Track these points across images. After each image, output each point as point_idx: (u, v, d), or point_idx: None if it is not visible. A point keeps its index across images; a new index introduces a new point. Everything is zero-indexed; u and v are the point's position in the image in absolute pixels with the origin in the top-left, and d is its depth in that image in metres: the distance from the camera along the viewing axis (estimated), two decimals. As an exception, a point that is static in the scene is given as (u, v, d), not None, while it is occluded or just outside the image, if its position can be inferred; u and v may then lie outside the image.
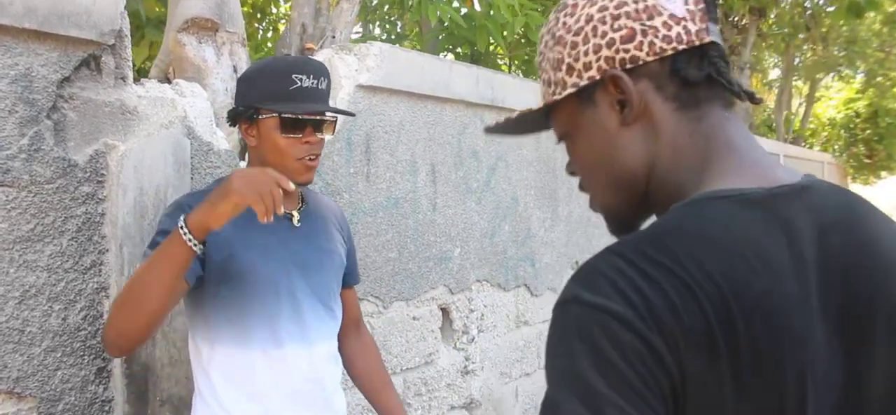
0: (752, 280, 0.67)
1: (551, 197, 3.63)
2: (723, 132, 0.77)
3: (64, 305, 1.59)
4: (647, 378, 0.64)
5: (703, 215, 0.71)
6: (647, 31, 0.75)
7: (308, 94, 1.54)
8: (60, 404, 1.57)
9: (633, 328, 0.64)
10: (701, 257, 0.67)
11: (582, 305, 0.67)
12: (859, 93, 16.88)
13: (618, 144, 0.79)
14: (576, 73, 0.79)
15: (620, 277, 0.67)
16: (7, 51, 1.48)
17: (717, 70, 0.76)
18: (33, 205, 1.53)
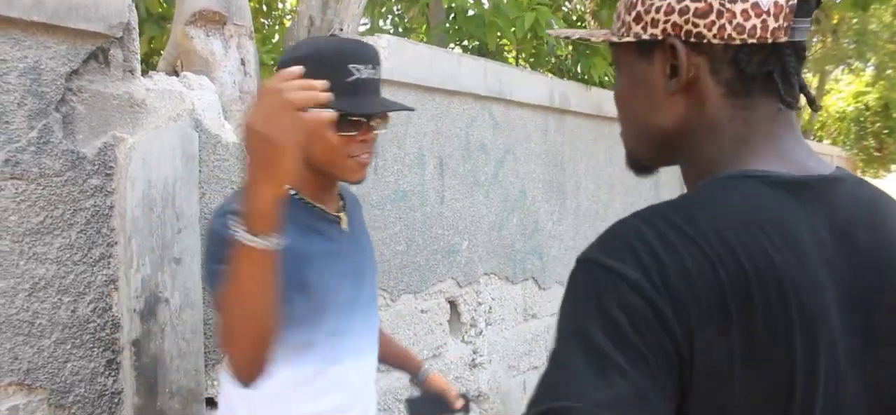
0: (774, 258, 0.67)
1: (559, 190, 3.62)
2: (767, 125, 0.75)
3: (73, 298, 1.59)
4: (653, 344, 0.64)
5: (731, 191, 0.71)
6: (723, 13, 0.72)
7: (367, 87, 1.38)
8: (70, 395, 1.58)
9: (643, 294, 0.64)
10: (722, 230, 0.67)
11: (598, 267, 0.67)
12: (869, 86, 16.76)
13: (659, 105, 0.78)
14: (642, 25, 0.77)
15: (640, 243, 0.67)
16: (16, 44, 1.48)
17: (783, 71, 0.74)
18: (43, 197, 1.53)
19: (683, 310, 0.64)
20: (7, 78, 1.46)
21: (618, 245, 0.68)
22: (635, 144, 0.84)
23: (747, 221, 0.69)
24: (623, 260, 0.66)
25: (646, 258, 0.66)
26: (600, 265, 0.67)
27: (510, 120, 3.25)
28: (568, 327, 0.67)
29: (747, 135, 0.75)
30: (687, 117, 0.77)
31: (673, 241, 0.67)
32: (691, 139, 0.77)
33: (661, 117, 0.78)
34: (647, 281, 0.65)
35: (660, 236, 0.67)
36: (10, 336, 1.47)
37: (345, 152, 1.38)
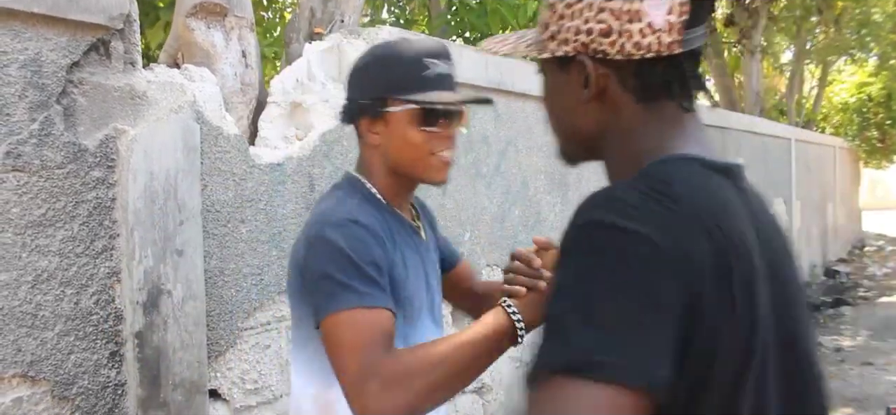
0: (737, 225, 0.78)
1: (561, 182, 3.62)
2: (679, 123, 0.86)
3: (76, 290, 1.59)
4: (674, 300, 0.70)
5: (688, 171, 0.81)
6: (622, 34, 0.82)
7: (444, 81, 1.33)
8: (74, 387, 1.58)
9: (664, 253, 0.71)
10: (703, 202, 0.77)
11: (616, 229, 0.72)
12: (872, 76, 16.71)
13: (577, 111, 0.89)
14: (555, 43, 0.87)
15: (646, 207, 0.74)
16: (16, 35, 1.48)
17: (681, 79, 0.85)
18: (44, 190, 1.53)
19: (700, 269, 0.72)
20: (8, 70, 1.46)
21: (628, 209, 0.74)
22: (562, 143, 0.96)
23: (713, 196, 0.79)
24: (641, 222, 0.72)
25: (659, 222, 0.72)
26: (619, 227, 0.72)
27: (512, 111, 3.25)
28: (594, 287, 0.71)
29: (665, 129, 0.86)
30: (604, 121, 0.88)
31: (673, 209, 0.74)
32: (612, 139, 0.88)
33: (580, 122, 0.89)
34: (667, 242, 0.71)
35: (660, 205, 0.74)
36: (13, 328, 1.48)
37: (427, 150, 1.33)
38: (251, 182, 2.04)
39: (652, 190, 0.76)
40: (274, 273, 2.11)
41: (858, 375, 5.85)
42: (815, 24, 13.21)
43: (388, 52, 1.35)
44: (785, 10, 12.26)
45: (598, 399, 0.66)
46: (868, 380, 5.68)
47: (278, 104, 2.34)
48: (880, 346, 6.77)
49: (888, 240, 15.70)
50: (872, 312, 8.36)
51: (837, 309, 8.45)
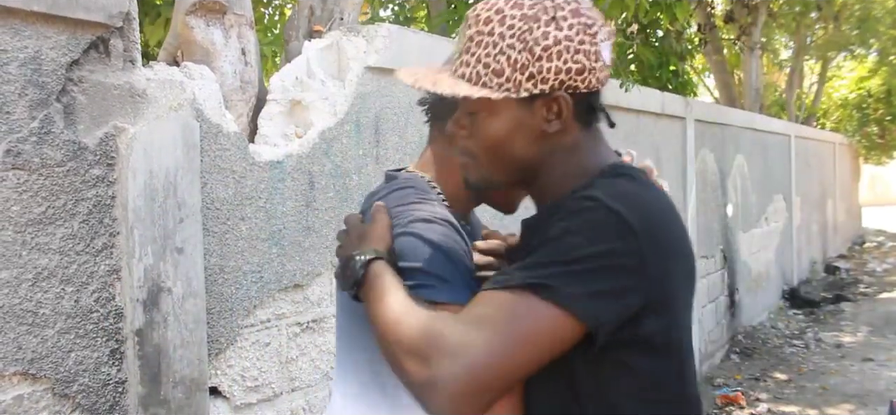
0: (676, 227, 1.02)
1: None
2: (601, 139, 1.07)
3: (76, 288, 1.60)
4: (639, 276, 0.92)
5: (635, 178, 1.01)
6: (592, 71, 0.98)
7: None
8: (74, 385, 1.58)
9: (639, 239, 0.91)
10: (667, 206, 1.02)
11: (609, 210, 0.92)
12: (872, 72, 16.69)
13: (528, 142, 1.01)
14: (533, 82, 0.97)
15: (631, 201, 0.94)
16: (16, 34, 1.48)
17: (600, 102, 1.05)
18: (44, 188, 1.53)
19: (664, 255, 0.94)
20: (7, 68, 1.46)
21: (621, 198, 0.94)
22: (494, 177, 1.06)
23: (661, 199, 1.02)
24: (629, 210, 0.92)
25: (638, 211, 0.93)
26: (613, 210, 0.92)
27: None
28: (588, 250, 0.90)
29: (596, 147, 1.05)
30: (549, 147, 1.02)
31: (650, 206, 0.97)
32: (551, 161, 1.03)
33: (529, 153, 1.02)
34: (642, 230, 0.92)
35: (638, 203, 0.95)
36: (13, 326, 1.48)
37: None
38: (251, 180, 2.04)
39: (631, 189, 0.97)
40: (274, 271, 2.12)
41: (859, 371, 5.85)
42: (815, 20, 13.20)
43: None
44: (784, 7, 12.25)
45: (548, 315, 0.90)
46: (868, 376, 5.69)
47: (278, 102, 2.34)
48: (881, 342, 6.77)
49: (888, 236, 15.70)
50: (872, 308, 8.36)
51: (837, 305, 8.45)
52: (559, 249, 0.91)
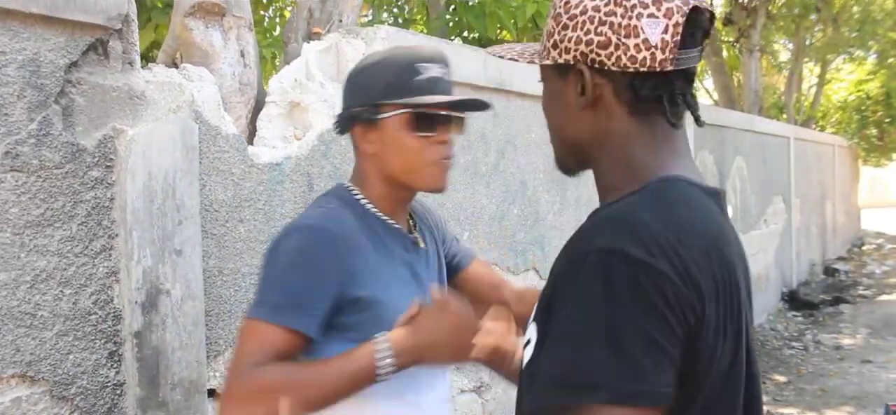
0: (727, 252, 0.87)
1: (560, 181, 3.62)
2: (669, 139, 0.92)
3: (74, 290, 1.59)
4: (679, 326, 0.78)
5: (686, 194, 0.87)
6: (619, 47, 0.87)
7: (438, 85, 1.30)
8: (72, 387, 1.58)
9: (674, 284, 0.78)
10: (702, 229, 0.85)
11: (629, 260, 0.78)
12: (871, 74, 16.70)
13: (573, 118, 0.93)
14: (558, 51, 0.92)
15: (657, 236, 0.80)
16: (14, 35, 1.48)
17: (670, 95, 0.89)
18: (43, 190, 1.53)
19: (700, 295, 0.80)
20: (6, 70, 1.46)
21: (640, 238, 0.79)
22: (557, 149, 1.00)
23: (710, 222, 0.87)
24: (652, 254, 0.78)
25: (670, 252, 0.79)
26: (633, 258, 0.78)
27: (510, 111, 3.25)
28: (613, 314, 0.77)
29: (657, 145, 0.91)
30: (597, 130, 0.92)
31: (679, 237, 0.80)
32: (604, 148, 0.93)
33: (575, 129, 0.94)
34: (675, 273, 0.78)
35: (669, 232, 0.80)
36: (11, 328, 1.48)
37: (423, 157, 1.30)
38: (250, 182, 2.04)
39: (666, 218, 0.82)
40: (273, 273, 2.11)
41: (858, 373, 5.85)
42: (814, 22, 13.21)
43: (381, 59, 1.34)
44: (783, 9, 12.26)
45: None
46: (867, 378, 5.69)
47: (277, 104, 2.34)
48: (879, 344, 6.77)
49: (887, 238, 15.71)
50: (871, 310, 8.37)
51: (836, 307, 8.45)
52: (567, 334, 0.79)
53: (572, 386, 0.76)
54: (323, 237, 1.24)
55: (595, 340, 0.76)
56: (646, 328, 0.76)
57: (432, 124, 1.30)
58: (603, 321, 0.77)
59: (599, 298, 0.77)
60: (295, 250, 1.24)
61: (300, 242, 1.25)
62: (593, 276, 0.78)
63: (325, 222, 1.27)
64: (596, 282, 0.78)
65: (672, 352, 0.78)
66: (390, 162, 1.32)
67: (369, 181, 1.36)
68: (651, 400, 0.76)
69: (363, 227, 1.31)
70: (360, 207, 1.34)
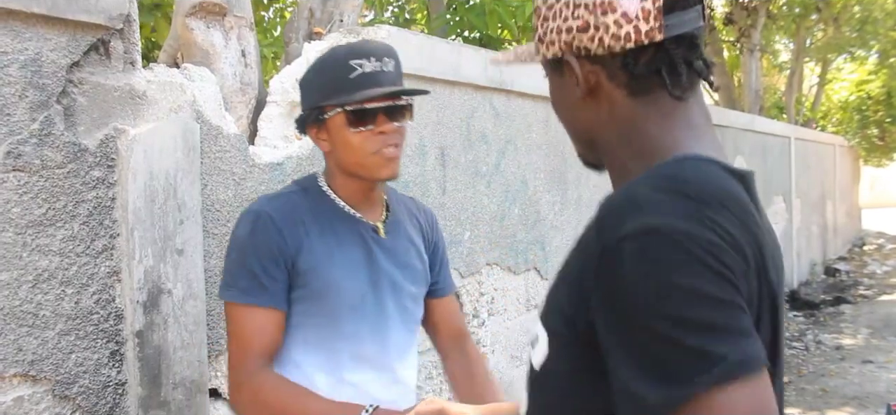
0: (757, 231, 0.77)
1: (561, 180, 3.62)
2: (682, 114, 0.83)
3: (76, 289, 1.60)
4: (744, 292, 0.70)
5: (705, 171, 0.78)
6: (599, 27, 0.80)
7: (372, 80, 1.36)
8: (75, 386, 1.59)
9: (724, 249, 0.69)
10: (728, 204, 0.74)
11: (674, 232, 0.69)
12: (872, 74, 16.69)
13: (577, 111, 0.88)
14: (544, 46, 0.87)
15: (690, 210, 0.71)
16: (16, 35, 1.48)
17: (670, 66, 0.81)
18: (45, 189, 1.53)
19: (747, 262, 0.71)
20: (8, 70, 1.47)
21: (672, 210, 0.70)
22: (574, 145, 0.95)
23: (735, 197, 0.76)
24: (692, 223, 0.69)
25: (703, 219, 0.70)
26: (677, 229, 0.69)
27: (511, 110, 3.25)
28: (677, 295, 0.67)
29: (668, 124, 0.83)
30: (601, 118, 0.86)
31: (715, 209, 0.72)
32: (611, 136, 0.86)
33: (581, 121, 0.89)
34: (720, 239, 0.69)
35: (695, 201, 0.72)
36: (14, 328, 1.48)
37: (367, 149, 1.38)
38: (251, 181, 2.05)
39: (680, 192, 0.72)
40: (274, 272, 2.11)
41: (859, 373, 5.85)
42: (815, 22, 13.21)
43: (322, 60, 1.41)
44: (784, 8, 12.25)
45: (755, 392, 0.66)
46: (868, 378, 5.69)
47: (278, 104, 2.34)
48: (880, 344, 6.77)
49: (888, 238, 15.70)
50: (872, 310, 8.36)
51: (837, 307, 8.45)
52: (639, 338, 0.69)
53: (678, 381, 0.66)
54: (264, 221, 1.37)
55: (677, 325, 0.66)
56: (723, 296, 0.67)
57: (370, 118, 1.38)
58: (676, 303, 0.66)
59: (656, 284, 0.67)
60: (244, 236, 1.38)
61: (247, 227, 1.38)
62: (638, 261, 0.68)
63: (266, 207, 1.40)
64: (644, 266, 0.68)
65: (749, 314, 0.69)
66: (341, 157, 1.42)
67: (332, 174, 1.48)
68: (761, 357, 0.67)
69: (314, 211, 1.43)
70: (320, 195, 1.46)
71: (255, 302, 1.36)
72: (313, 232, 1.40)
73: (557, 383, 0.82)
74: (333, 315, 1.40)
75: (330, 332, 1.41)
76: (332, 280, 1.39)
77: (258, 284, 1.36)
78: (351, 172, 1.44)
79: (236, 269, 1.38)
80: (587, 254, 0.76)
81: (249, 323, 1.37)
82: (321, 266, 1.39)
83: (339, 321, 1.40)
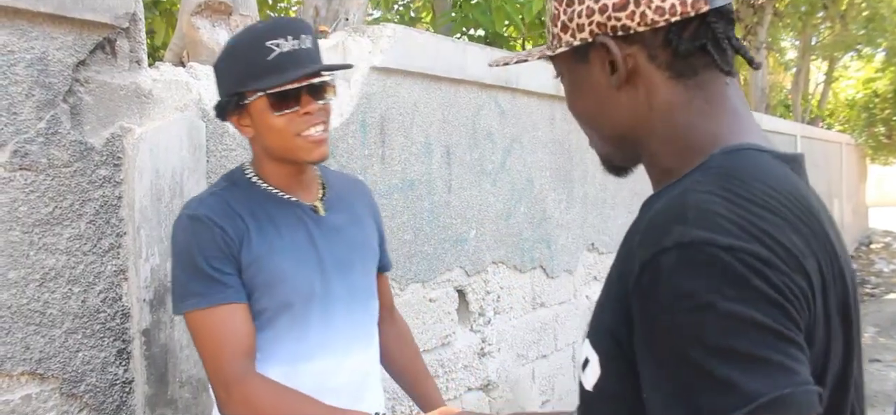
0: (820, 227, 0.70)
1: (566, 178, 3.61)
2: (725, 98, 0.76)
3: (83, 288, 1.60)
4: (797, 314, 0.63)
5: (762, 164, 0.72)
6: (640, 1, 0.73)
7: (292, 59, 1.31)
8: (82, 384, 1.59)
9: (776, 268, 0.62)
10: (787, 204, 0.68)
11: (719, 248, 0.62)
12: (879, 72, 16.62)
13: (608, 103, 0.79)
14: (570, 32, 0.79)
15: (744, 219, 0.64)
16: (23, 35, 1.48)
17: (714, 39, 0.75)
18: (52, 188, 1.54)
19: (808, 279, 0.64)
20: (15, 69, 1.47)
21: (724, 224, 0.64)
22: (602, 147, 0.86)
23: (793, 194, 0.70)
24: (742, 238, 0.63)
25: (756, 233, 0.64)
26: (722, 245, 0.62)
27: (517, 108, 3.25)
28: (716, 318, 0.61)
29: (715, 114, 0.76)
30: (638, 108, 0.78)
31: (766, 217, 0.65)
32: (650, 128, 0.78)
33: (613, 114, 0.79)
34: (777, 258, 0.63)
35: (748, 210, 0.65)
36: (21, 326, 1.48)
37: (291, 132, 1.34)
38: (257, 180, 2.04)
39: (733, 194, 0.66)
40: (280, 271, 2.11)
41: (866, 372, 5.82)
42: (821, 19, 13.16)
43: (235, 44, 1.36)
44: (790, 6, 12.21)
45: None
46: (876, 377, 5.66)
47: (283, 102, 2.34)
48: (888, 342, 6.74)
49: (895, 236, 15.64)
50: (880, 308, 8.33)
51: (844, 305, 8.41)
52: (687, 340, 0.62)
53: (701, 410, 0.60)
54: (202, 221, 1.34)
55: (708, 352, 0.60)
56: (764, 321, 0.60)
57: (293, 99, 1.32)
58: (710, 328, 0.61)
59: (695, 303, 0.61)
60: (186, 243, 1.35)
61: (186, 234, 1.35)
62: (673, 278, 0.63)
63: (199, 209, 1.36)
64: (679, 284, 0.63)
65: (801, 343, 0.62)
66: (266, 142, 1.38)
67: (259, 160, 1.44)
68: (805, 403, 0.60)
69: (248, 203, 1.39)
70: (250, 185, 1.42)
71: (217, 302, 1.31)
72: (251, 225, 1.36)
73: (610, 404, 0.75)
74: (283, 305, 1.36)
75: (281, 322, 1.37)
76: (277, 270, 1.35)
77: (214, 284, 1.32)
78: (278, 157, 1.39)
79: (187, 277, 1.34)
80: (628, 268, 0.70)
81: (218, 326, 1.31)
82: (264, 258, 1.35)
83: (290, 310, 1.37)
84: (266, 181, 1.43)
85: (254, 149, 1.44)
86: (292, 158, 1.38)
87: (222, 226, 1.34)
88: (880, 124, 17.40)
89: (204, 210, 1.35)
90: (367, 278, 1.50)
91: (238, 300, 1.33)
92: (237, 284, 1.34)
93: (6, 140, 1.45)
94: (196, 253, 1.32)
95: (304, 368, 1.38)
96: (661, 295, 0.64)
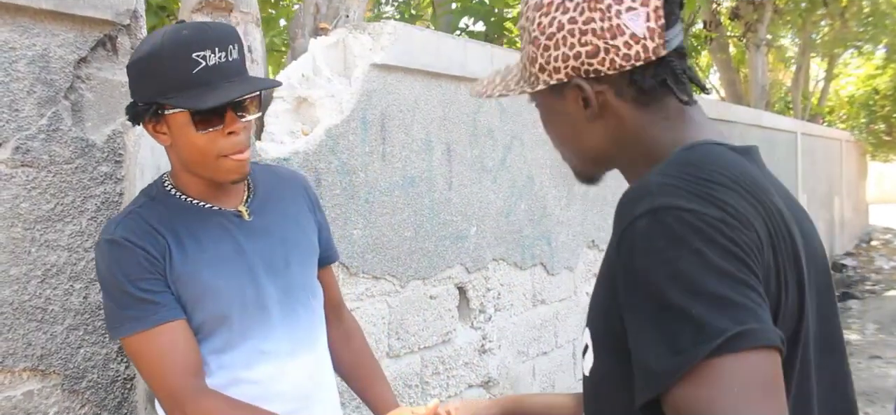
0: (774, 201, 0.82)
1: (567, 176, 3.62)
2: (683, 111, 0.90)
3: (85, 284, 1.60)
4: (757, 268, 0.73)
5: (714, 153, 0.84)
6: (609, 50, 0.85)
7: (218, 73, 1.23)
8: (83, 381, 1.59)
9: (734, 227, 0.73)
10: (736, 179, 0.80)
11: (682, 211, 0.74)
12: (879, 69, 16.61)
13: (583, 132, 0.93)
14: (547, 73, 0.91)
15: (700, 191, 0.76)
16: (25, 31, 1.48)
17: (672, 75, 0.88)
18: (53, 185, 1.54)
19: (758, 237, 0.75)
20: (16, 66, 1.47)
21: (684, 193, 0.75)
22: (578, 165, 0.99)
23: (746, 173, 0.82)
24: (701, 203, 0.74)
25: (718, 202, 0.75)
26: (687, 210, 0.74)
27: (517, 105, 3.25)
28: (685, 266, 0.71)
29: (673, 123, 0.89)
30: (612, 134, 0.91)
31: (722, 189, 0.77)
32: (624, 146, 0.91)
33: (588, 141, 0.93)
34: (730, 217, 0.74)
35: (709, 186, 0.77)
36: (23, 323, 1.49)
37: (213, 152, 1.27)
38: (258, 177, 2.05)
39: (692, 176, 0.78)
40: (281, 267, 2.12)
41: (866, 368, 5.83)
42: (821, 16, 13.15)
43: (159, 48, 1.24)
44: (790, 3, 12.20)
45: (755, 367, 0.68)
46: (876, 374, 5.67)
47: (284, 99, 2.34)
48: (888, 339, 6.75)
49: (895, 233, 15.64)
50: (880, 305, 8.33)
51: (844, 303, 8.42)
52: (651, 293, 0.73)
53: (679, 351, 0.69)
54: (121, 245, 1.29)
55: (683, 295, 0.70)
56: (728, 268, 0.70)
57: (217, 118, 1.25)
58: (682, 273, 0.71)
59: (665, 256, 0.72)
60: (109, 269, 1.29)
61: (108, 259, 1.30)
62: (649, 236, 0.74)
63: (117, 232, 1.30)
64: (654, 239, 0.73)
65: (761, 291, 0.72)
66: (183, 156, 1.31)
67: (176, 170, 1.38)
68: (766, 338, 0.69)
69: (168, 217, 1.33)
70: (169, 198, 1.37)
71: (154, 323, 1.27)
72: (171, 242, 1.30)
73: (605, 384, 0.85)
74: (217, 317, 1.32)
75: (219, 334, 1.33)
76: (203, 283, 1.30)
77: (148, 305, 1.27)
78: (196, 174, 1.33)
79: (117, 304, 1.29)
80: (610, 246, 0.81)
81: (160, 346, 1.26)
82: (188, 274, 1.30)
83: (226, 321, 1.33)
84: (185, 192, 1.37)
85: (171, 158, 1.37)
86: (211, 178, 1.33)
87: (142, 246, 1.28)
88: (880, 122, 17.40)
89: (121, 232, 1.29)
90: (306, 277, 1.45)
91: (176, 317, 1.28)
92: (170, 301, 1.29)
93: (8, 137, 1.46)
94: (122, 279, 1.27)
95: (245, 375, 1.34)
96: (638, 255, 0.75)
